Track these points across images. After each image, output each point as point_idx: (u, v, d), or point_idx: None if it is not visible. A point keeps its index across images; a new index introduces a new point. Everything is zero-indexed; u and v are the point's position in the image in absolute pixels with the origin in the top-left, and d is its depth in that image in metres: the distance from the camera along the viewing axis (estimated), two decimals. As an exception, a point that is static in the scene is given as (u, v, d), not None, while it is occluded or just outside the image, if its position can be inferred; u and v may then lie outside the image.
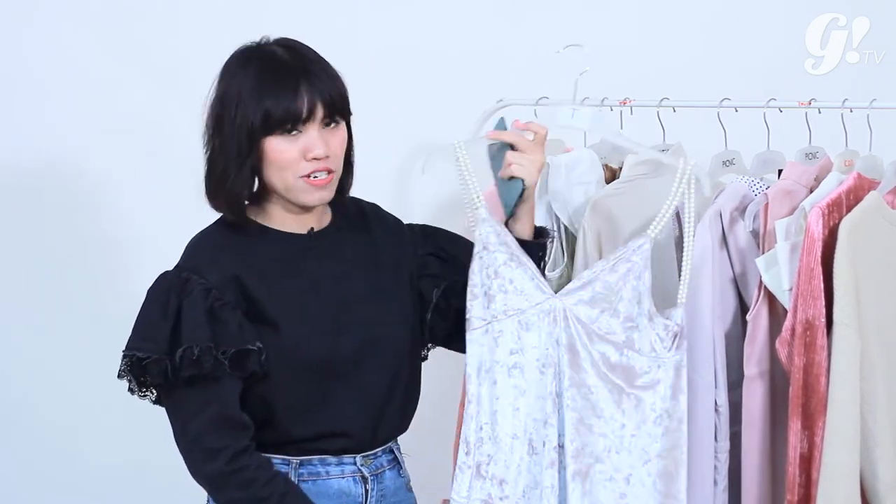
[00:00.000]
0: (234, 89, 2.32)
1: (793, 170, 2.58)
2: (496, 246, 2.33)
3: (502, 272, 2.33)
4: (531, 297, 2.33)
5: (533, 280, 2.33)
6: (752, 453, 2.51)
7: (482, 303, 2.33)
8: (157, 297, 2.31)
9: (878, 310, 2.43)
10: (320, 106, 2.30)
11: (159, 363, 2.26)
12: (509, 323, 2.33)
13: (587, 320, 2.33)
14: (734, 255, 2.56)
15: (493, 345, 2.34)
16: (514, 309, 2.32)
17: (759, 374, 2.50)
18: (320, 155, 2.31)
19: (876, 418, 2.41)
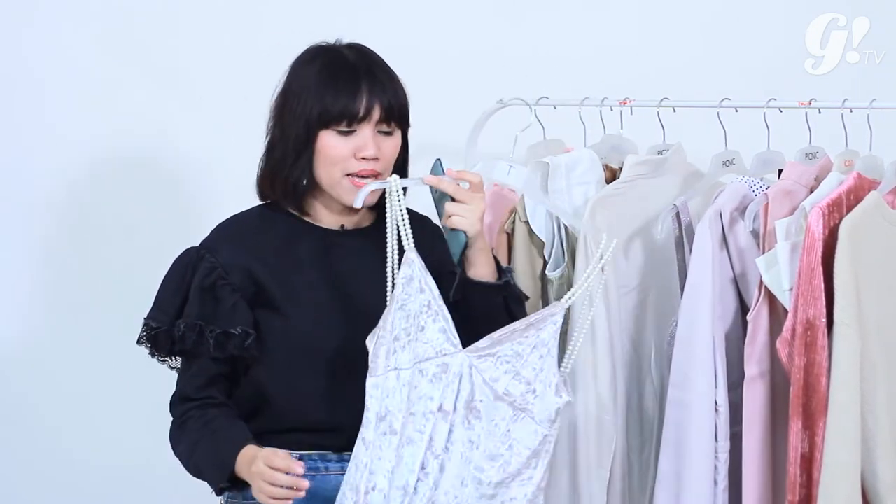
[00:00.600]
0: (298, 83, 2.38)
1: (793, 170, 2.58)
2: (416, 292, 2.28)
3: (416, 319, 2.28)
4: (438, 347, 2.29)
5: (444, 333, 2.29)
6: (753, 453, 2.51)
7: (388, 348, 2.29)
8: (175, 270, 2.39)
9: (879, 310, 2.43)
10: (378, 108, 2.34)
11: (167, 334, 2.35)
12: (414, 372, 2.29)
13: (490, 379, 2.30)
14: (734, 255, 2.56)
15: (395, 392, 2.29)
16: (419, 357, 2.29)
17: (759, 374, 2.50)
18: (370, 155, 2.34)
19: (876, 418, 2.41)
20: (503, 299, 2.39)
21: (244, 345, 2.31)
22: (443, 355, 2.29)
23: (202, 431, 2.34)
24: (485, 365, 2.30)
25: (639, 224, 2.68)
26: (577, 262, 2.60)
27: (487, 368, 2.30)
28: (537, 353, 2.31)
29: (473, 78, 3.35)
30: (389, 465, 2.28)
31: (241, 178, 3.48)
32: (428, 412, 2.29)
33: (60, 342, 3.53)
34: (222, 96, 3.49)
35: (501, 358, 2.30)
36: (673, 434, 2.54)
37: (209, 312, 2.33)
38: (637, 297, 2.68)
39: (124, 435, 3.54)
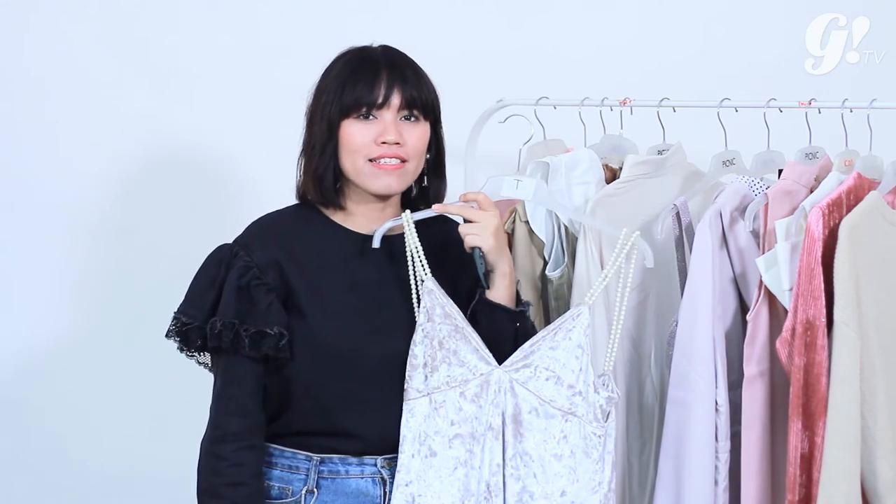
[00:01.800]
0: (326, 81, 2.40)
1: (793, 170, 2.58)
2: (441, 318, 2.32)
3: (446, 344, 2.32)
4: (475, 368, 2.32)
5: (476, 352, 2.32)
6: (753, 453, 2.51)
7: (422, 374, 2.33)
8: (209, 266, 2.38)
9: (878, 310, 2.43)
10: (398, 96, 2.36)
11: (199, 330, 2.34)
12: (452, 394, 2.32)
13: (533, 389, 2.32)
14: (734, 255, 2.56)
15: (433, 415, 2.33)
16: (457, 380, 2.33)
17: (759, 373, 2.50)
18: (391, 140, 2.35)
19: (876, 418, 2.41)
20: (514, 329, 2.39)
21: (279, 345, 2.31)
22: (480, 374, 2.32)
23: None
24: (524, 376, 2.32)
25: (639, 224, 2.68)
26: (578, 261, 2.60)
27: (528, 379, 2.32)
28: (572, 354, 2.32)
29: (473, 78, 3.35)
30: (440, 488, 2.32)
31: (241, 178, 3.52)
32: (477, 433, 2.32)
33: (61, 344, 3.53)
34: (222, 96, 3.50)
35: (539, 366, 2.32)
36: (673, 434, 2.54)
37: (244, 311, 2.32)
38: (637, 297, 2.68)
39: (125, 440, 3.54)
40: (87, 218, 3.51)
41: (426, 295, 2.34)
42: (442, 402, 2.32)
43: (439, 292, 2.33)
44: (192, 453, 3.47)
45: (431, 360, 2.32)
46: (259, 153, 3.42)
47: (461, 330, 2.32)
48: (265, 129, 3.22)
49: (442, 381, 2.32)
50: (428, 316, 2.33)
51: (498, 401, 2.32)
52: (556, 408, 2.32)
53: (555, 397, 2.32)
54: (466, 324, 2.33)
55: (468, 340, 2.32)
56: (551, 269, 2.70)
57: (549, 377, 2.32)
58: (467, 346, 2.32)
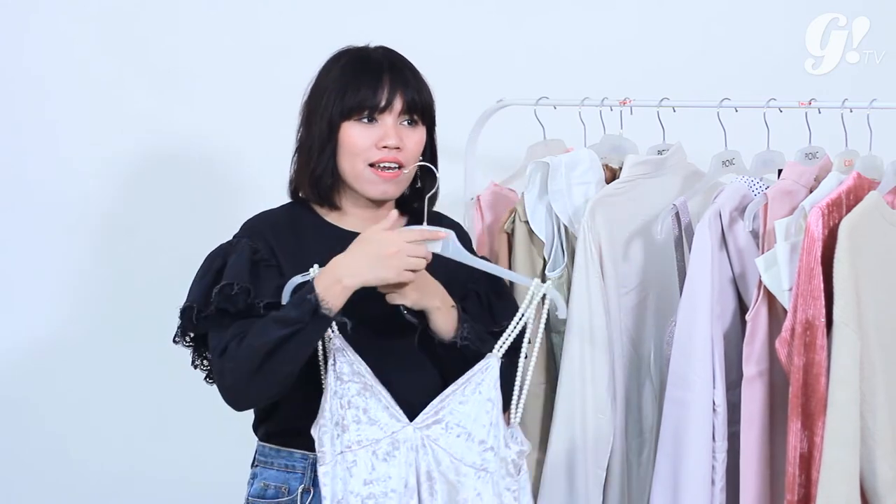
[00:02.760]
0: (324, 82, 2.40)
1: (793, 170, 2.58)
2: (350, 376, 2.28)
3: (356, 402, 2.28)
4: (385, 426, 2.29)
5: (387, 409, 2.29)
6: (751, 453, 2.51)
7: (332, 434, 2.28)
8: (206, 260, 2.37)
9: (878, 310, 2.43)
10: (400, 100, 2.36)
11: (190, 309, 2.31)
12: (363, 453, 2.28)
13: (445, 446, 2.30)
14: (734, 255, 2.56)
15: (346, 476, 2.28)
16: (369, 439, 2.28)
17: (758, 374, 2.50)
18: (392, 144, 2.35)
19: (876, 418, 2.41)
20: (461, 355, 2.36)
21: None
22: (392, 433, 2.29)
23: (256, 325, 2.25)
24: (435, 433, 2.30)
25: (639, 224, 2.68)
26: (577, 262, 2.60)
27: (439, 436, 2.30)
28: (482, 409, 2.30)
29: (473, 78, 3.35)
30: None
31: (242, 177, 3.52)
32: (390, 491, 2.29)
33: (61, 344, 3.53)
34: (222, 96, 3.50)
35: (450, 423, 2.30)
36: (671, 433, 2.54)
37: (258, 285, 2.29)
38: (636, 297, 2.68)
39: (128, 439, 3.55)
40: (87, 218, 3.51)
41: (335, 353, 2.29)
42: (353, 462, 2.29)
43: (348, 350, 2.29)
44: (192, 453, 3.49)
45: (342, 420, 2.28)
46: (259, 153, 3.42)
47: (370, 388, 2.29)
48: (265, 128, 3.21)
49: (353, 441, 2.28)
50: (336, 375, 2.29)
51: (410, 459, 2.30)
52: (467, 465, 2.30)
53: (466, 454, 2.30)
54: (376, 381, 2.29)
55: (378, 398, 2.29)
56: (551, 269, 2.70)
57: (461, 433, 2.30)
58: (377, 404, 2.29)
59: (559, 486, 2.61)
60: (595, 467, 2.59)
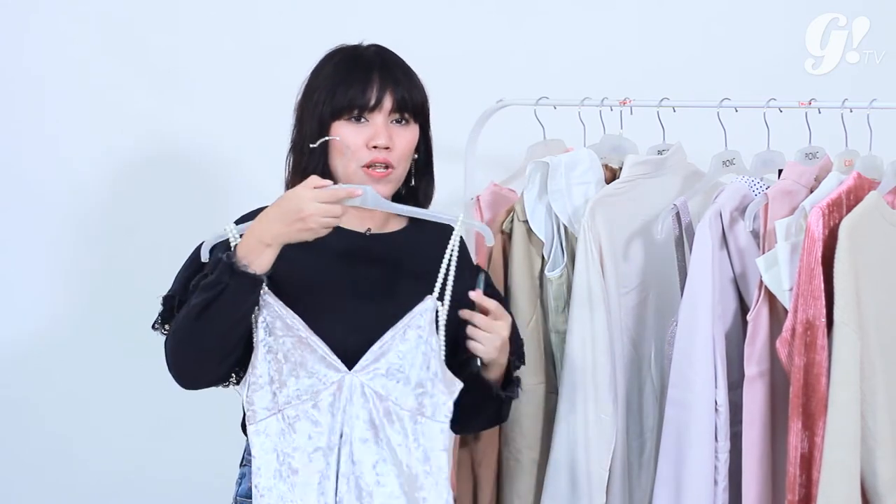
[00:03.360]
0: (316, 80, 2.39)
1: (793, 170, 2.58)
2: (283, 331, 2.26)
3: (291, 357, 2.26)
4: (325, 377, 2.27)
5: (324, 360, 2.27)
6: (753, 453, 2.51)
7: (269, 391, 2.26)
8: (193, 252, 2.38)
9: (878, 310, 2.43)
10: (389, 98, 2.35)
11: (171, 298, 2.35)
12: (304, 407, 2.26)
13: (384, 392, 2.28)
14: (734, 255, 2.56)
15: (289, 431, 2.26)
16: (309, 392, 2.26)
17: (759, 374, 2.50)
18: (382, 144, 2.34)
19: (876, 418, 2.41)
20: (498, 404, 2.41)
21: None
22: (332, 383, 2.28)
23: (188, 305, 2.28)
24: (376, 380, 2.28)
25: (639, 224, 2.68)
26: (577, 261, 2.60)
27: (379, 382, 2.28)
28: (420, 351, 2.29)
29: (473, 78, 3.35)
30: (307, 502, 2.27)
31: (241, 178, 3.51)
32: (332, 444, 2.27)
33: (61, 345, 3.53)
34: (222, 96, 3.50)
35: (390, 368, 2.28)
36: (673, 434, 2.54)
37: None
38: (637, 297, 2.68)
39: (129, 439, 3.54)
40: (87, 217, 3.51)
41: (264, 309, 2.27)
42: (296, 417, 2.27)
43: (277, 304, 2.27)
44: (193, 452, 3.49)
45: (278, 376, 2.26)
46: (259, 153, 3.41)
47: (305, 340, 2.27)
48: (265, 128, 3.20)
49: (292, 396, 2.26)
50: (269, 330, 2.27)
51: (354, 408, 2.28)
52: (405, 409, 2.29)
53: (404, 399, 2.29)
54: (310, 333, 2.27)
55: (314, 350, 2.27)
56: (550, 268, 2.70)
57: (400, 378, 2.29)
58: (313, 356, 2.27)
59: (562, 486, 2.61)
60: (598, 468, 2.59)
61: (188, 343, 2.26)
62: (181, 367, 2.30)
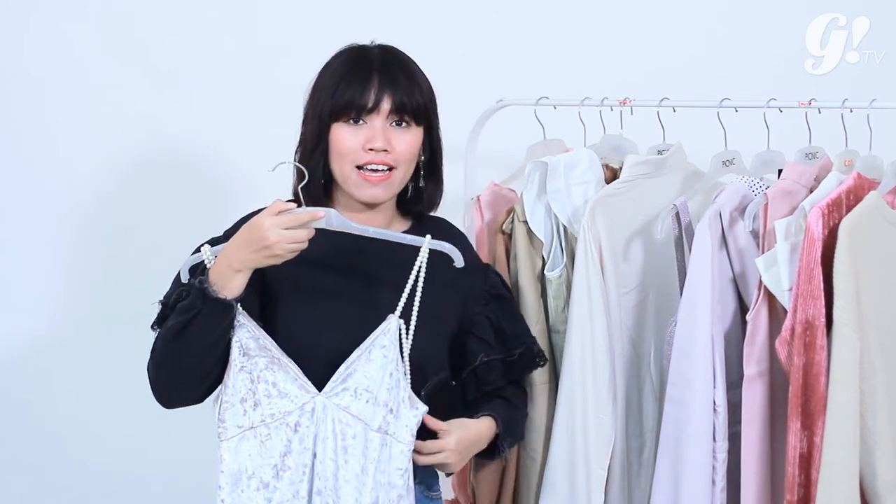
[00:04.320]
0: (322, 79, 2.39)
1: (793, 170, 2.58)
2: (256, 351, 2.29)
3: (264, 376, 2.29)
4: (296, 398, 2.29)
5: (296, 381, 2.30)
6: (752, 453, 2.50)
7: (240, 409, 2.29)
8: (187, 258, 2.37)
9: (878, 310, 2.43)
10: (388, 101, 2.34)
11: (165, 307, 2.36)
12: (276, 426, 2.29)
13: (354, 412, 2.30)
14: (734, 254, 2.56)
15: (260, 449, 2.29)
16: (281, 412, 2.29)
17: (758, 373, 2.49)
18: (378, 147, 2.33)
19: (876, 418, 2.41)
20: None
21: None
22: (303, 404, 2.30)
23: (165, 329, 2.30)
24: (345, 401, 2.30)
25: (639, 224, 2.68)
26: (577, 262, 2.60)
27: (349, 403, 2.30)
28: (386, 371, 2.30)
29: (473, 78, 3.35)
30: None
31: (240, 178, 3.51)
32: (304, 463, 2.29)
33: (61, 346, 3.53)
34: (222, 96, 3.50)
35: (358, 388, 2.30)
36: (671, 433, 2.54)
37: None
38: (637, 297, 2.68)
39: (128, 440, 3.54)
40: (87, 217, 3.51)
41: (238, 329, 2.30)
42: (268, 436, 2.29)
43: (251, 325, 2.30)
44: (192, 453, 3.49)
45: (252, 395, 2.28)
46: (259, 153, 3.41)
47: (278, 360, 2.30)
48: (265, 129, 3.21)
49: (266, 415, 2.29)
50: (242, 350, 2.29)
51: (324, 429, 2.29)
52: (373, 430, 2.30)
53: (372, 419, 2.30)
54: (282, 354, 2.30)
55: (286, 370, 2.30)
56: (549, 268, 2.70)
57: (368, 398, 2.30)
58: (286, 377, 2.29)
59: (560, 486, 2.61)
60: (596, 468, 2.59)
61: (165, 364, 2.29)
62: (161, 387, 2.33)
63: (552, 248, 2.70)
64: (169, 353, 2.28)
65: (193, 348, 2.26)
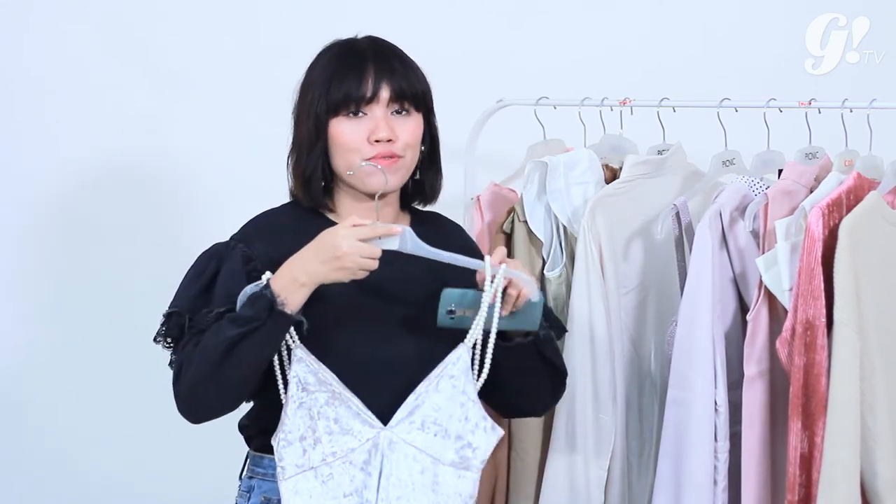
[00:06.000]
0: (311, 77, 2.33)
1: (793, 170, 2.58)
2: (316, 386, 2.19)
3: (325, 413, 2.20)
4: (359, 434, 2.20)
5: (359, 416, 2.20)
6: (752, 453, 2.51)
7: (299, 448, 2.20)
8: (200, 261, 2.30)
9: (878, 310, 2.43)
10: (387, 89, 2.28)
11: (179, 316, 2.24)
12: (339, 465, 2.20)
13: (423, 447, 2.22)
14: (734, 255, 2.56)
15: (322, 489, 2.20)
16: (344, 450, 2.20)
17: (759, 373, 2.50)
18: (384, 137, 2.26)
19: (876, 418, 2.41)
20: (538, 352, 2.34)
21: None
22: (367, 440, 2.21)
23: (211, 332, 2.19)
24: (411, 435, 2.22)
25: (639, 224, 2.68)
26: (577, 262, 2.60)
27: (415, 438, 2.22)
28: (457, 402, 2.23)
29: (473, 78, 3.35)
30: None
31: (240, 179, 3.52)
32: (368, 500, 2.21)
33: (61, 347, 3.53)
34: (222, 96, 3.50)
35: (426, 421, 2.23)
36: (672, 434, 2.54)
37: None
38: (637, 297, 2.68)
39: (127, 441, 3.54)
40: (86, 218, 3.51)
41: (296, 364, 2.20)
42: (329, 476, 2.21)
43: (310, 359, 2.21)
44: (190, 456, 3.49)
45: (311, 433, 2.20)
46: (259, 153, 3.41)
47: (339, 395, 2.20)
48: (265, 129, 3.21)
49: (328, 453, 2.20)
50: (301, 386, 2.20)
51: (390, 465, 2.21)
52: (445, 464, 2.23)
53: (443, 453, 2.23)
54: (344, 388, 2.21)
55: (348, 406, 2.21)
56: (549, 268, 2.70)
57: (437, 431, 2.22)
58: (348, 412, 2.21)
59: (560, 486, 2.61)
60: (596, 468, 2.59)
61: (212, 377, 2.17)
62: (196, 402, 2.21)
63: (552, 248, 2.70)
64: (215, 367, 2.16)
65: (245, 363, 2.17)
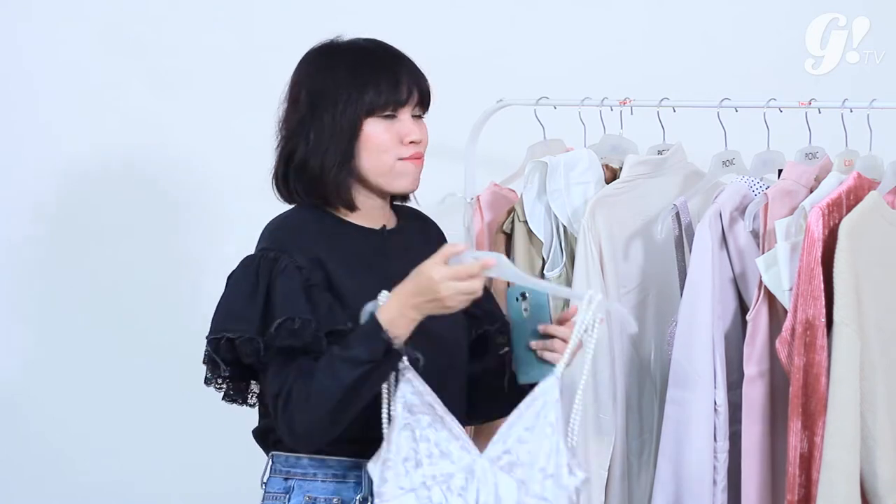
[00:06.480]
0: (325, 82, 2.33)
1: (793, 170, 2.58)
2: (420, 408, 2.20)
3: (427, 435, 2.21)
4: (458, 459, 2.21)
5: (458, 440, 2.22)
6: (752, 453, 2.51)
7: (403, 469, 2.20)
8: (242, 278, 2.27)
9: (878, 310, 2.43)
10: (416, 93, 2.33)
11: (252, 342, 2.21)
12: (438, 489, 2.21)
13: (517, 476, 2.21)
14: (734, 255, 2.56)
15: None
16: (443, 474, 2.21)
17: (758, 373, 2.50)
18: (416, 139, 2.32)
19: (876, 418, 2.41)
20: None
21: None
22: (465, 466, 2.22)
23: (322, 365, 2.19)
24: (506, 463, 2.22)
25: (639, 224, 2.68)
26: (577, 262, 2.60)
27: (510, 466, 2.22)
28: (544, 433, 2.22)
29: (473, 78, 3.35)
30: None
31: (239, 179, 3.51)
32: None
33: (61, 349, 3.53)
34: (221, 97, 3.50)
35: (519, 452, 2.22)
36: (672, 433, 2.54)
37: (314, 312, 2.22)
38: (637, 297, 2.68)
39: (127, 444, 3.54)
40: (85, 218, 3.51)
41: (403, 384, 2.22)
42: (427, 498, 2.21)
43: (417, 381, 2.22)
44: (190, 456, 3.48)
45: (414, 454, 2.21)
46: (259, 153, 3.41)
47: (441, 419, 2.22)
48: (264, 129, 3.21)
49: (427, 476, 2.21)
50: (407, 407, 2.22)
51: (483, 492, 2.22)
52: (531, 496, 2.21)
53: (531, 484, 2.22)
54: (446, 411, 2.22)
55: (450, 430, 2.22)
56: (549, 268, 2.70)
57: (526, 462, 2.22)
58: (449, 436, 2.22)
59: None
60: (597, 468, 2.59)
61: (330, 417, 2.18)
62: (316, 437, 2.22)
63: (552, 248, 2.71)
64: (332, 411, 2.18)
65: (362, 400, 2.19)
